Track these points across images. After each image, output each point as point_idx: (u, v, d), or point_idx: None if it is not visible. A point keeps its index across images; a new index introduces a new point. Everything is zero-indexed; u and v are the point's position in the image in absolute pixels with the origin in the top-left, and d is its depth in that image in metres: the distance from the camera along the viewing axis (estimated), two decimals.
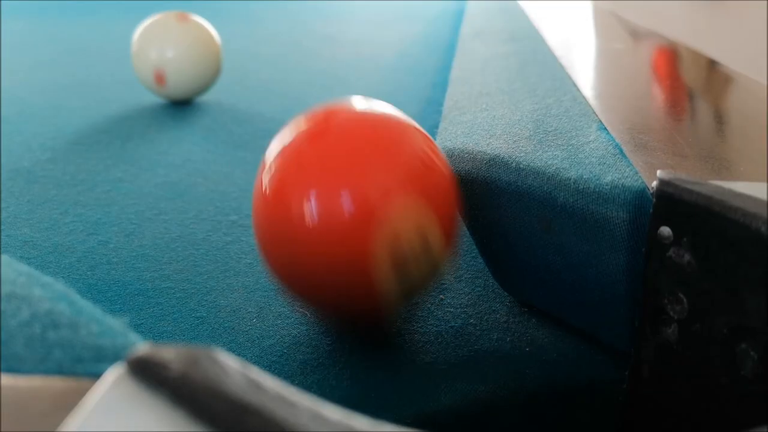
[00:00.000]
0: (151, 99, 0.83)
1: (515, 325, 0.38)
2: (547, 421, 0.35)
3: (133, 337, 0.18)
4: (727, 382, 0.25)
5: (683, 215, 0.26)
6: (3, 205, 0.53)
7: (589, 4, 1.02)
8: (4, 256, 0.22)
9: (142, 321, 0.38)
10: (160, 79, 0.75)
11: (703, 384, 0.26)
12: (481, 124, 0.41)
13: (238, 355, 0.35)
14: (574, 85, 0.48)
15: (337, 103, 0.34)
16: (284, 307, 0.40)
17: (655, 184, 0.27)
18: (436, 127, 0.46)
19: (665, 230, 0.27)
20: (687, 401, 0.27)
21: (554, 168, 0.32)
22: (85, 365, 0.17)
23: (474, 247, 0.43)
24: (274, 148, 0.33)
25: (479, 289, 0.41)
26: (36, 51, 1.15)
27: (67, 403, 0.15)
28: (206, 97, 0.84)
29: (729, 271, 0.24)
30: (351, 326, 0.37)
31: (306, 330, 0.37)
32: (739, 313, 0.24)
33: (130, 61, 0.78)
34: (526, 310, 0.39)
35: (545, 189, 0.32)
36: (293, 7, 1.63)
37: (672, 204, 0.26)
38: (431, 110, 0.75)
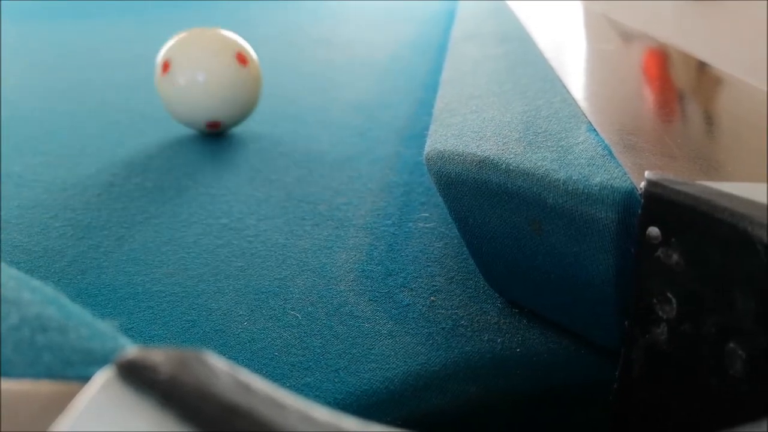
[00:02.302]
0: (144, 103, 0.83)
1: (506, 326, 0.38)
2: (539, 421, 0.35)
3: (123, 340, 0.18)
4: (716, 382, 0.25)
5: (671, 216, 0.26)
6: None
7: (580, 6, 1.03)
8: None
9: (133, 325, 0.38)
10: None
11: (692, 383, 0.26)
12: (471, 126, 0.41)
13: (229, 357, 0.35)
14: (564, 86, 0.48)
15: None
16: (275, 309, 0.40)
17: (643, 184, 0.27)
18: (428, 128, 0.46)
19: (654, 231, 0.27)
20: (677, 401, 0.27)
21: (544, 169, 0.33)
22: (74, 368, 0.17)
23: (465, 248, 0.43)
24: None
25: (470, 290, 0.42)
26: (29, 54, 1.15)
27: (57, 407, 0.15)
28: None
29: (717, 271, 0.24)
30: None
31: (297, 332, 0.37)
32: (728, 312, 0.24)
33: (124, 64, 0.77)
34: (517, 311, 0.39)
35: (535, 190, 0.32)
36: (286, 9, 1.63)
37: (660, 204, 0.26)
38: (423, 112, 0.75)
